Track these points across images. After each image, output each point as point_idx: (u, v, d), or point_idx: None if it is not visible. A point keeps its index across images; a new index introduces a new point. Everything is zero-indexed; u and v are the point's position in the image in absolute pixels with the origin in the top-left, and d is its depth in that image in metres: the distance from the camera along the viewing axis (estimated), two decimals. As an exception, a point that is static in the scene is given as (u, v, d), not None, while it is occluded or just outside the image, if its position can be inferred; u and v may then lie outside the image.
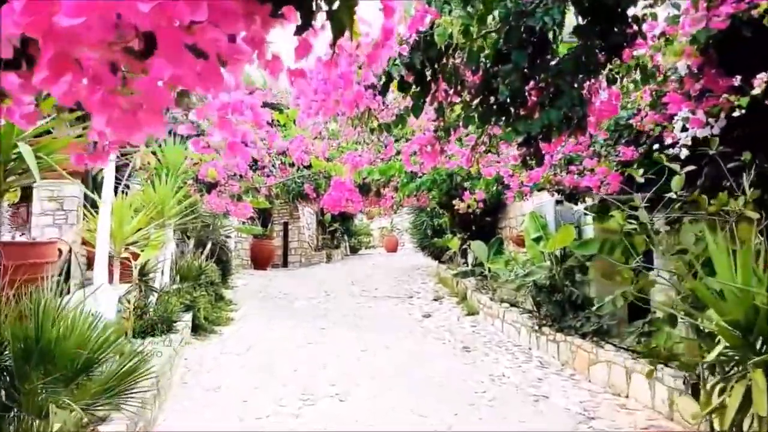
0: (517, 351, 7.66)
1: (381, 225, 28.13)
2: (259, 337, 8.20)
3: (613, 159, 5.29)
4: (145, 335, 6.62)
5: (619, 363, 5.91)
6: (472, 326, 9.26)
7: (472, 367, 6.76)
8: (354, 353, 7.31)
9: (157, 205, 6.92)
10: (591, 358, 6.39)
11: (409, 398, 5.48)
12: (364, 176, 7.29)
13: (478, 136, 4.12)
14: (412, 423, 4.87)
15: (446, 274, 13.20)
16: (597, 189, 5.27)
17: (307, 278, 15.46)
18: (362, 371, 6.45)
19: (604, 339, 6.54)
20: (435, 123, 4.07)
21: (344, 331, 8.66)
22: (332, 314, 10.08)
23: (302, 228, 20.37)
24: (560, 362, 6.99)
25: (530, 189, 5.88)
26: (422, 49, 3.57)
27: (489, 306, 9.44)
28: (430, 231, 14.50)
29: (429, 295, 11.99)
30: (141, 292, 6.66)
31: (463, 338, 8.36)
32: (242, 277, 15.20)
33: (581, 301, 7.13)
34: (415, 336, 8.40)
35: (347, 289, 13.29)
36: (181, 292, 8.44)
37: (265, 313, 9.93)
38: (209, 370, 6.57)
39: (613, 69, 3.82)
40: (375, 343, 7.80)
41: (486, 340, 8.33)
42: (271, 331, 8.59)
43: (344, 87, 2.88)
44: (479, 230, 11.15)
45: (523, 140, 3.90)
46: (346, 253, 23.98)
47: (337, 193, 7.00)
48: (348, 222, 23.78)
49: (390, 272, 16.34)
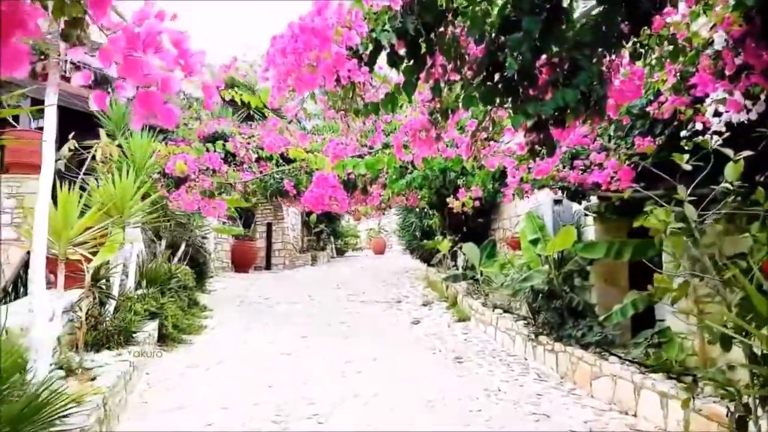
0: (512, 362, 7.08)
1: (368, 226, 27.52)
2: (234, 347, 7.56)
3: (625, 152, 4.74)
4: (100, 348, 5.97)
5: (625, 377, 5.34)
6: (464, 333, 8.68)
7: (466, 381, 6.17)
8: (337, 366, 6.69)
9: (116, 202, 6.26)
10: (594, 371, 5.83)
11: (398, 420, 4.88)
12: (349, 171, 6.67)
13: (479, 121, 3.54)
14: (399, 451, 4.28)
15: (436, 278, 12.62)
16: (607, 185, 4.71)
17: (291, 281, 14.81)
18: (346, 387, 5.84)
19: (608, 350, 5.98)
20: (430, 104, 3.48)
21: (328, 340, 8.04)
22: (315, 321, 9.45)
23: (286, 229, 19.70)
24: (559, 375, 6.43)
25: (532, 186, 5.32)
26: (417, 12, 2.98)
27: (481, 312, 8.87)
28: (419, 232, 13.92)
29: (418, 300, 11.41)
30: (95, 299, 5.98)
31: (455, 347, 7.78)
32: (222, 280, 14.52)
33: (582, 309, 6.57)
34: (404, 345, 7.80)
35: (332, 293, 12.66)
36: (147, 297, 7.77)
37: (243, 320, 9.28)
38: (173, 387, 5.92)
39: (638, 42, 3.26)
40: (361, 354, 7.19)
41: (479, 349, 7.75)
42: (247, 341, 7.94)
43: (320, 47, 2.28)
44: (471, 232, 10.58)
45: (533, 125, 3.32)
46: (333, 255, 23.34)
47: (320, 190, 6.37)
48: (334, 223, 23.15)
49: (377, 275, 15.73)
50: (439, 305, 10.75)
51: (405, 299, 11.63)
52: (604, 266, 6.79)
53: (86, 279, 5.94)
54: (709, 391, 4.57)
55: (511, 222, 9.46)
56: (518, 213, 9.14)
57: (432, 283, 12.88)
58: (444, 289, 11.44)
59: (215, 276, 14.68)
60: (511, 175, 4.36)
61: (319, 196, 6.39)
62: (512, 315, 8.31)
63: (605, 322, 5.33)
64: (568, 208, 7.14)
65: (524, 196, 5.58)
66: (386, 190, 6.34)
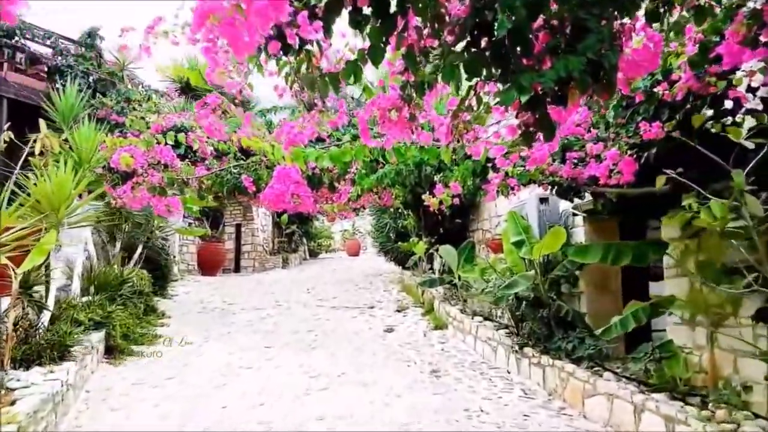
0: (494, 375, 6.48)
1: (342, 228, 26.83)
2: (188, 360, 6.82)
3: (626, 141, 4.15)
4: (30, 364, 5.20)
5: (624, 397, 4.75)
6: (441, 343, 8.05)
7: (444, 399, 5.53)
8: (301, 382, 6.01)
9: (51, 199, 5.51)
10: (587, 388, 5.24)
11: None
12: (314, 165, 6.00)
13: (462, 98, 2.91)
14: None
15: (411, 282, 11.99)
16: (605, 179, 4.12)
17: (259, 285, 14.05)
18: (309, 408, 5.16)
19: (602, 366, 5.40)
20: (402, 77, 2.84)
21: (293, 352, 7.34)
22: (281, 330, 8.74)
23: (256, 230, 18.91)
24: (547, 391, 5.84)
25: (518, 181, 4.72)
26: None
27: (459, 319, 8.25)
28: (394, 234, 13.28)
29: (392, 305, 10.75)
30: (24, 308, 5.22)
31: (432, 359, 7.15)
32: (186, 283, 13.72)
33: (571, 318, 6.00)
34: (376, 357, 7.14)
35: (302, 298, 11.95)
36: (93, 305, 7.00)
37: (202, 329, 8.53)
38: (113, 409, 5.19)
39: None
40: (328, 368, 6.51)
41: (457, 361, 7.12)
42: (203, 353, 7.21)
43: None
44: (448, 233, 9.97)
45: (528, 102, 2.70)
46: (305, 257, 22.59)
47: (281, 186, 5.70)
48: (307, 224, 22.40)
49: (350, 279, 15.05)
50: (414, 311, 10.11)
51: (378, 304, 10.97)
52: (595, 271, 6.23)
53: (13, 286, 5.17)
54: (722, 415, 4.01)
55: (492, 223, 8.87)
56: (499, 213, 8.56)
57: (407, 287, 12.25)
58: (419, 294, 10.81)
59: (180, 279, 13.89)
60: (500, 164, 3.72)
61: (280, 193, 5.71)
62: (493, 323, 7.72)
63: (603, 335, 4.74)
64: (555, 207, 6.57)
65: (509, 193, 4.98)
66: (355, 186, 5.68)
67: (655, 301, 4.57)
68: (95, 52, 11.18)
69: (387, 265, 16.00)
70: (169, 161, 6.60)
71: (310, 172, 6.13)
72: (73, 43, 11.16)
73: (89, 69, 10.87)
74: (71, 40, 11.20)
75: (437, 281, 9.19)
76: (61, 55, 10.84)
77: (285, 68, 2.98)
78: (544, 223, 6.44)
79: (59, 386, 4.88)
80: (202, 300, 11.31)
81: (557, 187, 4.75)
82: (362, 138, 3.01)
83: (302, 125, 3.21)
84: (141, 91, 11.27)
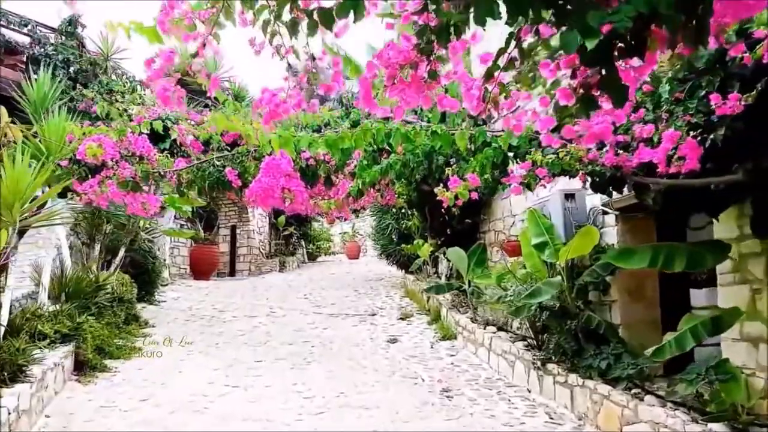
0: (513, 395, 5.72)
1: (342, 230, 26.02)
2: (167, 378, 6.05)
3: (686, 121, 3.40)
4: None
5: (673, 427, 3.98)
6: (450, 356, 7.29)
7: (459, 426, 4.77)
8: (294, 404, 5.25)
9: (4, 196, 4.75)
10: (626, 414, 4.48)
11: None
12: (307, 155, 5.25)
13: (501, 49, 2.16)
14: None
15: (414, 287, 11.22)
16: (664, 167, 3.36)
17: (253, 290, 13.27)
18: (300, 439, 4.41)
19: (642, 388, 4.64)
20: (418, 19, 2.09)
21: (285, 367, 6.57)
22: (274, 341, 7.97)
23: (252, 232, 18.13)
24: (576, 415, 5.08)
25: (549, 171, 3.97)
26: None
27: (470, 329, 7.49)
28: (396, 236, 12.50)
29: (394, 313, 9.98)
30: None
31: (442, 375, 6.38)
32: (176, 288, 12.96)
33: (603, 331, 5.23)
34: (379, 373, 6.37)
35: (299, 304, 11.17)
36: (60, 315, 6.24)
37: (186, 340, 7.75)
38: (72, 440, 4.43)
39: None
40: (325, 388, 5.75)
41: (470, 377, 6.36)
42: (185, 369, 6.44)
43: None
44: (456, 234, 9.19)
45: (593, 52, 1.94)
46: (303, 261, 21.78)
47: (270, 180, 4.94)
48: (305, 226, 21.59)
49: (350, 283, 14.27)
50: (419, 319, 9.35)
51: (380, 311, 10.20)
52: (629, 277, 5.46)
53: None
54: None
55: (505, 223, 8.10)
56: (514, 212, 7.79)
57: (410, 292, 11.48)
58: (424, 300, 10.04)
59: (170, 284, 13.13)
60: (546, 142, 2.93)
61: (268, 187, 4.94)
62: (508, 333, 6.96)
63: (655, 356, 3.96)
64: (582, 205, 5.81)
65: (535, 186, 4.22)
66: (356, 180, 4.92)
67: (718, 314, 3.80)
68: (76, 40, 10.41)
69: (388, 268, 15.25)
70: (145, 153, 5.84)
71: (303, 164, 5.37)
72: (53, 31, 10.40)
73: (70, 59, 10.10)
74: (51, 28, 10.44)
75: (445, 287, 8.42)
76: (39, 44, 10.08)
77: (263, 13, 2.23)
78: (570, 223, 5.68)
79: (5, 414, 4.13)
80: (191, 307, 10.53)
81: (597, 178, 3.99)
82: (363, 104, 2.26)
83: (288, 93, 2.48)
84: (125, 81, 10.49)
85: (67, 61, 10.10)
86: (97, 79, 10.21)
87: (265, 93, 2.56)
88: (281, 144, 3.70)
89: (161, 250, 12.80)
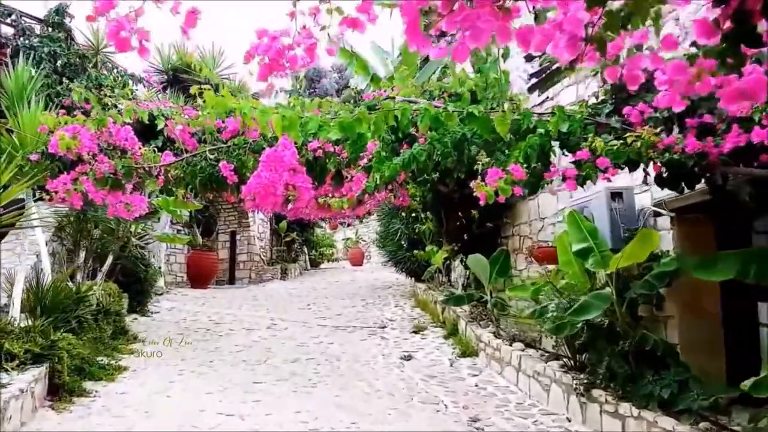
0: (552, 427, 4.93)
1: (345, 236, 25.26)
2: (153, 404, 5.28)
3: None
4: None
5: (766, 475, 3.20)
6: (473, 376, 6.51)
7: (494, 468, 4.00)
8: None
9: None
10: (698, 455, 3.70)
11: None
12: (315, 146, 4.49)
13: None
14: None
15: (426, 296, 10.44)
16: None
17: (253, 299, 12.51)
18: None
19: (715, 422, 3.86)
20: None
21: (287, 391, 5.79)
22: (275, 358, 7.19)
23: (253, 238, 17.38)
24: (630, 452, 4.29)
25: (613, 161, 3.22)
26: None
27: (494, 346, 6.71)
28: (406, 241, 11.72)
29: (406, 325, 9.20)
30: None
31: (466, 400, 5.60)
32: (172, 298, 12.20)
33: (661, 353, 4.46)
34: (395, 399, 5.59)
35: (302, 315, 10.40)
36: (33, 332, 5.48)
37: (178, 358, 6.99)
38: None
39: None
40: (333, 417, 4.97)
41: (499, 402, 5.58)
42: (173, 394, 5.65)
43: None
44: (474, 240, 8.41)
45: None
46: (306, 268, 21.01)
47: (270, 174, 4.18)
48: (308, 231, 20.85)
49: (356, 292, 13.50)
50: (434, 333, 8.57)
51: (390, 323, 9.42)
52: (688, 289, 4.69)
53: None
54: None
55: (533, 227, 7.31)
56: (543, 215, 7.02)
57: (422, 302, 10.69)
58: (438, 312, 9.26)
59: (166, 293, 12.37)
60: (666, 103, 2.11)
61: (269, 184, 4.18)
62: (538, 351, 6.19)
63: (755, 391, 3.18)
64: (630, 205, 5.05)
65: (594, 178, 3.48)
66: (372, 174, 4.17)
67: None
68: (64, 32, 9.70)
69: (395, 276, 14.48)
70: (129, 146, 5.10)
71: (310, 155, 4.60)
72: (39, 22, 9.70)
73: (56, 51, 9.38)
74: (37, 19, 9.73)
75: (465, 298, 7.63)
76: (23, 35, 9.37)
77: None
78: (617, 226, 4.91)
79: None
80: (185, 318, 9.77)
81: (673, 168, 3.24)
82: (409, 38, 1.53)
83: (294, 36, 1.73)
84: (115, 75, 9.77)
85: (53, 54, 9.38)
86: (86, 73, 9.49)
87: (263, 36, 1.81)
88: (285, 127, 2.95)
89: (156, 258, 12.04)
